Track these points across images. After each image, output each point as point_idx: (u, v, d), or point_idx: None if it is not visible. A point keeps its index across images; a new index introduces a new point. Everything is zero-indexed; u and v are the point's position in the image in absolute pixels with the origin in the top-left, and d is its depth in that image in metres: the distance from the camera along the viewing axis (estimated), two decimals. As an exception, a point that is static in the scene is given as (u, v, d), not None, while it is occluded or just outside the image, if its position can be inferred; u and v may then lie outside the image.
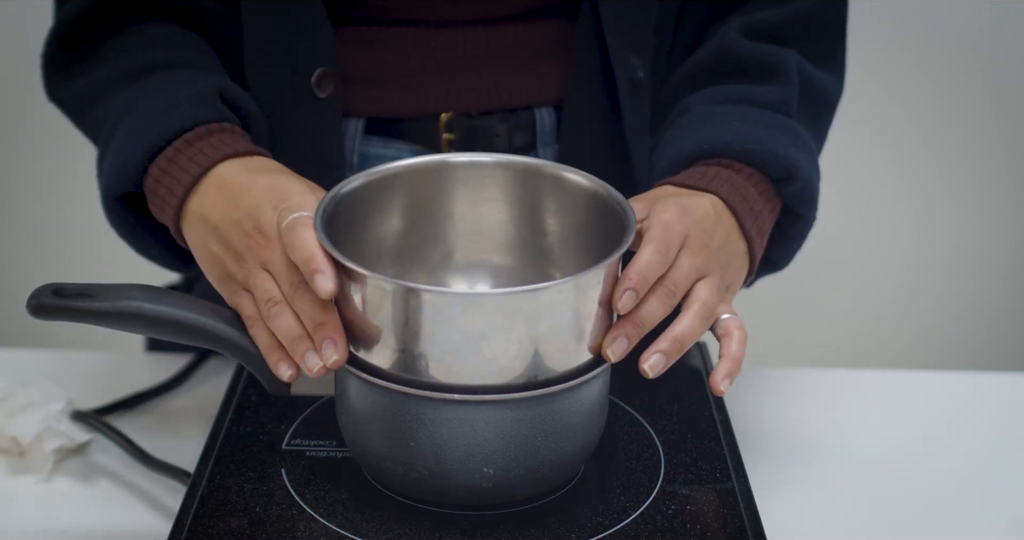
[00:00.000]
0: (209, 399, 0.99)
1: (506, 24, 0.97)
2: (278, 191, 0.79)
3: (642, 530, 0.79)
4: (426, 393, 0.74)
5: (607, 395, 0.82)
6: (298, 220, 0.76)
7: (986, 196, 2.12)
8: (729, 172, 0.87)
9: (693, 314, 0.79)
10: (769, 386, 1.06)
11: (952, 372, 1.11)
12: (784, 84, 0.94)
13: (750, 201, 0.86)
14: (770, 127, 0.90)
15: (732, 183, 0.86)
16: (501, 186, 0.83)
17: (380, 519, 0.79)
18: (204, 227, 0.83)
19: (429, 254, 0.86)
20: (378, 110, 0.98)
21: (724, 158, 0.88)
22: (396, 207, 0.83)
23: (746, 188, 0.86)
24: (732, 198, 0.85)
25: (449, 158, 0.83)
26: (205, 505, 0.80)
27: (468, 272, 0.87)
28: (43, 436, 0.91)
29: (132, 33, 0.95)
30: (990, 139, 2.08)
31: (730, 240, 0.84)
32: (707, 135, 0.89)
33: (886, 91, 1.96)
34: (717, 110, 0.93)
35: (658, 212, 0.80)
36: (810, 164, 0.90)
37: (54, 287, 0.78)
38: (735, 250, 0.84)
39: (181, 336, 0.79)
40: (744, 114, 0.91)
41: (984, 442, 0.99)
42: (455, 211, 0.84)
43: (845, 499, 0.91)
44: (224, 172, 0.83)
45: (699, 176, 0.86)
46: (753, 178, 0.87)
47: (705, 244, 0.80)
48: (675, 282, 0.78)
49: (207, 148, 0.84)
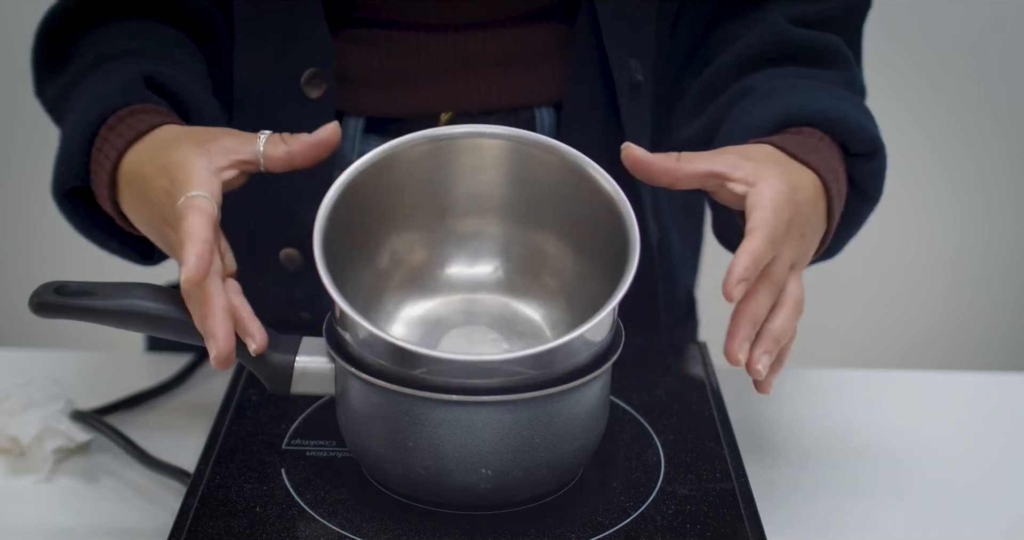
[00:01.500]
0: (209, 399, 0.99)
1: (505, 27, 0.97)
2: (166, 173, 0.78)
3: (642, 530, 0.79)
4: (425, 393, 0.74)
5: (608, 397, 0.82)
6: (186, 206, 0.75)
7: (986, 196, 2.12)
8: (822, 146, 0.84)
9: (788, 311, 0.78)
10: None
11: (952, 372, 1.11)
12: (848, 68, 0.92)
13: (840, 183, 0.84)
14: (849, 102, 0.88)
15: (826, 160, 0.83)
16: (495, 156, 0.83)
17: (380, 519, 0.79)
18: (137, 222, 0.83)
19: (432, 225, 0.85)
20: (378, 110, 0.98)
21: (816, 129, 0.85)
22: (396, 186, 0.83)
23: (836, 167, 0.84)
24: (828, 178, 0.82)
25: (445, 131, 0.82)
26: (205, 505, 0.80)
27: (469, 245, 0.86)
28: (43, 436, 0.91)
29: (109, 30, 0.95)
30: (990, 139, 2.08)
31: (819, 228, 0.82)
32: (794, 102, 0.86)
33: (886, 91, 1.96)
34: (794, 82, 0.90)
35: (769, 184, 0.78)
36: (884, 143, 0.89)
37: (56, 285, 0.78)
38: (817, 238, 0.83)
39: (182, 335, 0.79)
40: (824, 88, 0.89)
41: (984, 442, 0.99)
42: (454, 182, 0.84)
43: (845, 499, 0.91)
44: (127, 165, 0.83)
45: (799, 145, 0.83)
46: (838, 155, 0.85)
47: (802, 233, 0.79)
48: (780, 276, 0.77)
49: (115, 138, 0.84)
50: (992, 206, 2.12)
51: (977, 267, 2.16)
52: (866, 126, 0.86)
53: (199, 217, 0.74)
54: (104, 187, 0.84)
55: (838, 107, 0.86)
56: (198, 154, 0.79)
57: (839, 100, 0.87)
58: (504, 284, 0.87)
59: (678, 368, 0.99)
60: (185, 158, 0.78)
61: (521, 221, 0.85)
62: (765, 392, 0.79)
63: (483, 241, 0.86)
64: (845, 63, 0.93)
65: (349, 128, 0.98)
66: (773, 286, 0.77)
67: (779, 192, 0.78)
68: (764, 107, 0.87)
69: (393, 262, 0.85)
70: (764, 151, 0.82)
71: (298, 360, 0.79)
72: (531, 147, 0.81)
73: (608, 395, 0.82)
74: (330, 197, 0.77)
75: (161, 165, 0.79)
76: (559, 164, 0.81)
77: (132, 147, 0.83)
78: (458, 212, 0.85)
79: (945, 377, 1.10)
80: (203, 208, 0.75)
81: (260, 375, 0.80)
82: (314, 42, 0.94)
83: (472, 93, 0.98)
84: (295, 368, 0.79)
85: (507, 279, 0.87)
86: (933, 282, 2.18)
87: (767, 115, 0.86)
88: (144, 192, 0.80)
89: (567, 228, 0.83)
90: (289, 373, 0.79)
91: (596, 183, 0.79)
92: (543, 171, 0.82)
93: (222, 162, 0.79)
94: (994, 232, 2.14)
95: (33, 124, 1.95)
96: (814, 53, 0.93)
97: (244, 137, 0.81)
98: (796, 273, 0.80)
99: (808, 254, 0.82)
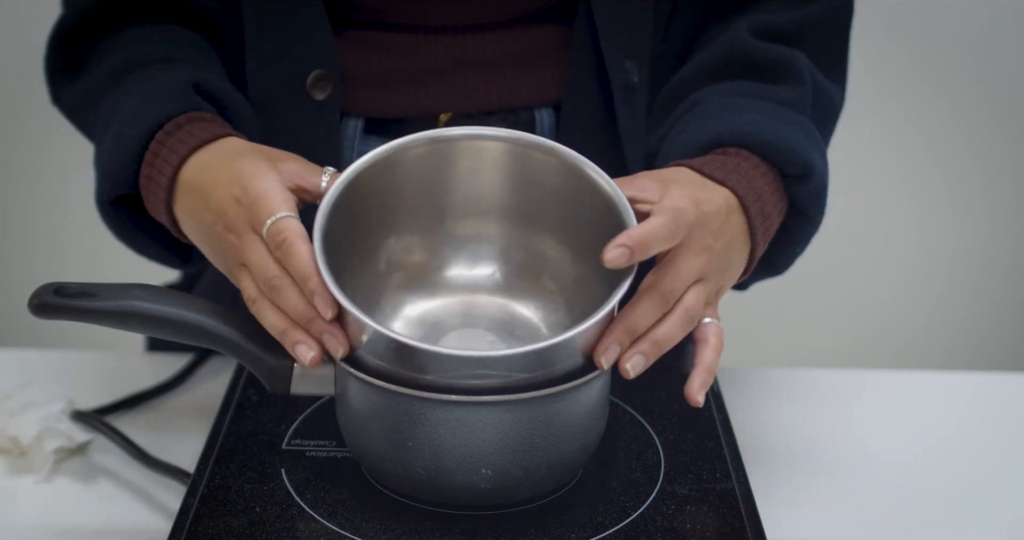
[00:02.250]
0: (209, 399, 0.99)
1: (504, 29, 0.97)
2: (236, 182, 0.79)
3: (642, 530, 0.79)
4: (424, 394, 0.74)
5: (607, 397, 0.82)
6: (287, 230, 0.75)
7: (986, 196, 2.12)
8: (747, 166, 0.85)
9: (676, 319, 0.78)
10: (769, 386, 1.06)
11: (952, 372, 1.11)
12: (800, 84, 0.92)
13: (763, 201, 0.84)
14: (788, 123, 0.89)
15: (748, 179, 0.84)
16: (494, 158, 0.83)
17: (380, 519, 0.79)
18: (190, 229, 0.84)
19: (431, 227, 0.85)
20: (378, 111, 0.98)
21: (743, 149, 0.86)
22: (395, 188, 0.83)
23: (761, 187, 0.84)
24: (747, 197, 0.83)
25: (444, 133, 0.82)
26: (205, 505, 0.80)
27: (468, 247, 0.86)
28: (43, 436, 0.91)
29: (127, 34, 0.95)
30: (990, 139, 2.08)
31: (735, 243, 0.83)
32: (726, 123, 0.87)
33: (886, 91, 1.96)
34: (735, 101, 0.91)
35: (671, 197, 0.78)
36: (823, 165, 0.89)
37: (55, 286, 0.78)
38: (737, 255, 0.83)
39: (181, 336, 0.79)
40: (762, 108, 0.90)
41: (984, 442, 0.99)
42: (453, 184, 0.84)
43: (845, 499, 0.91)
44: (188, 172, 0.83)
45: (717, 166, 0.84)
46: (768, 176, 0.86)
47: (708, 246, 0.79)
48: (671, 288, 0.77)
49: (176, 144, 0.84)
50: (992, 206, 2.12)
51: (977, 267, 2.16)
52: (796, 149, 0.86)
53: (306, 245, 0.75)
54: (162, 192, 0.84)
55: (773, 129, 0.86)
56: (271, 169, 0.79)
57: (777, 121, 0.88)
58: (503, 286, 0.87)
59: (678, 368, 0.99)
60: (257, 170, 0.79)
61: (520, 223, 0.85)
62: (694, 404, 0.79)
63: (482, 243, 0.86)
64: (798, 79, 0.92)
65: (349, 129, 0.98)
66: (661, 298, 0.77)
67: (679, 201, 0.78)
68: (700, 126, 0.88)
69: (391, 264, 0.85)
70: (679, 173, 0.84)
71: (298, 360, 0.79)
72: (531, 149, 0.81)
73: (608, 395, 0.82)
74: (330, 197, 0.77)
75: (231, 176, 0.79)
76: (559, 166, 0.81)
77: (194, 154, 0.83)
78: (457, 214, 0.85)
79: (945, 377, 1.10)
80: (303, 235, 0.75)
81: (260, 375, 0.80)
82: (317, 43, 0.94)
83: (472, 94, 0.98)
84: (295, 368, 0.79)
85: (506, 281, 0.87)
86: (933, 282, 2.18)
87: (701, 134, 0.87)
88: (207, 200, 0.80)
89: (567, 230, 0.83)
90: (289, 373, 0.79)
91: (596, 185, 0.79)
92: (543, 173, 0.82)
93: (289, 184, 0.79)
94: (994, 232, 2.14)
95: (33, 125, 1.96)
96: (769, 68, 0.93)
97: (311, 167, 0.81)
98: (700, 288, 0.79)
99: (724, 271, 0.82)
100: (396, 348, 0.74)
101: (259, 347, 0.79)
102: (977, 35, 2.00)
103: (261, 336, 0.79)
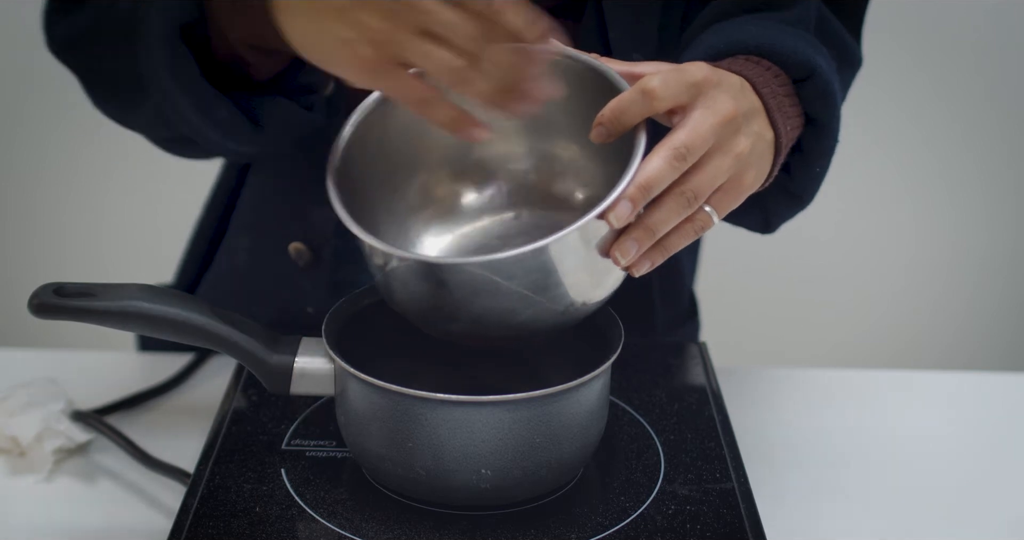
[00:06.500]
0: (209, 399, 0.99)
1: None
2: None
3: (642, 530, 0.79)
4: (424, 394, 0.74)
5: (607, 398, 0.82)
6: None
7: (986, 196, 2.12)
8: (751, 63, 0.83)
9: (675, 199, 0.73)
10: (769, 386, 1.06)
11: (952, 372, 1.11)
12: (802, 8, 0.91)
13: (772, 89, 0.82)
14: (786, 32, 0.87)
15: (755, 71, 0.82)
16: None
17: (379, 519, 0.79)
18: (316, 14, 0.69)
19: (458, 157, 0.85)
20: None
21: (743, 55, 0.84)
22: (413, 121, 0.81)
23: (768, 80, 0.82)
24: (757, 81, 0.80)
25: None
26: (205, 505, 0.80)
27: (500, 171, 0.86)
28: (43, 436, 0.92)
29: None
30: (990, 139, 2.08)
31: (754, 118, 0.78)
32: (723, 37, 0.85)
33: (886, 91, 1.96)
34: (733, 21, 0.90)
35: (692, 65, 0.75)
36: (830, 68, 0.86)
37: (55, 286, 0.78)
38: (760, 131, 0.79)
39: (181, 336, 0.79)
40: (759, 21, 0.89)
41: (984, 442, 0.99)
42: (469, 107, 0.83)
43: (844, 499, 0.91)
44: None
45: (729, 63, 0.82)
46: (773, 70, 0.83)
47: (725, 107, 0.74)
48: (685, 143, 0.72)
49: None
50: (992, 206, 2.12)
51: (977, 267, 2.16)
52: (796, 49, 0.83)
53: None
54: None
55: (766, 36, 0.84)
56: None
57: (775, 30, 0.86)
58: (539, 201, 0.86)
59: (678, 368, 0.99)
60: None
61: (543, 135, 0.84)
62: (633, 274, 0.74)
63: (511, 162, 0.85)
64: (802, 4, 0.91)
65: None
66: (674, 153, 0.72)
67: (700, 68, 0.75)
68: (700, 42, 0.87)
69: (426, 199, 0.85)
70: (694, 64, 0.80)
71: (298, 361, 0.80)
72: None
73: (608, 395, 0.82)
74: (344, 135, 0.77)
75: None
76: (571, 67, 0.79)
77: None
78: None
79: (945, 377, 1.10)
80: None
81: (259, 375, 0.80)
82: None
83: None
84: (295, 368, 0.79)
85: (541, 196, 0.86)
86: (933, 282, 2.18)
87: (701, 48, 0.86)
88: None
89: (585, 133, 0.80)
90: (289, 373, 0.79)
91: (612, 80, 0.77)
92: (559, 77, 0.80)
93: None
94: (994, 232, 2.14)
95: (34, 125, 1.96)
96: (777, 3, 0.92)
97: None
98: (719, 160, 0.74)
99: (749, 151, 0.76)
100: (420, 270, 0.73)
101: (259, 347, 0.79)
102: (977, 35, 2.00)
103: (261, 336, 0.79)
